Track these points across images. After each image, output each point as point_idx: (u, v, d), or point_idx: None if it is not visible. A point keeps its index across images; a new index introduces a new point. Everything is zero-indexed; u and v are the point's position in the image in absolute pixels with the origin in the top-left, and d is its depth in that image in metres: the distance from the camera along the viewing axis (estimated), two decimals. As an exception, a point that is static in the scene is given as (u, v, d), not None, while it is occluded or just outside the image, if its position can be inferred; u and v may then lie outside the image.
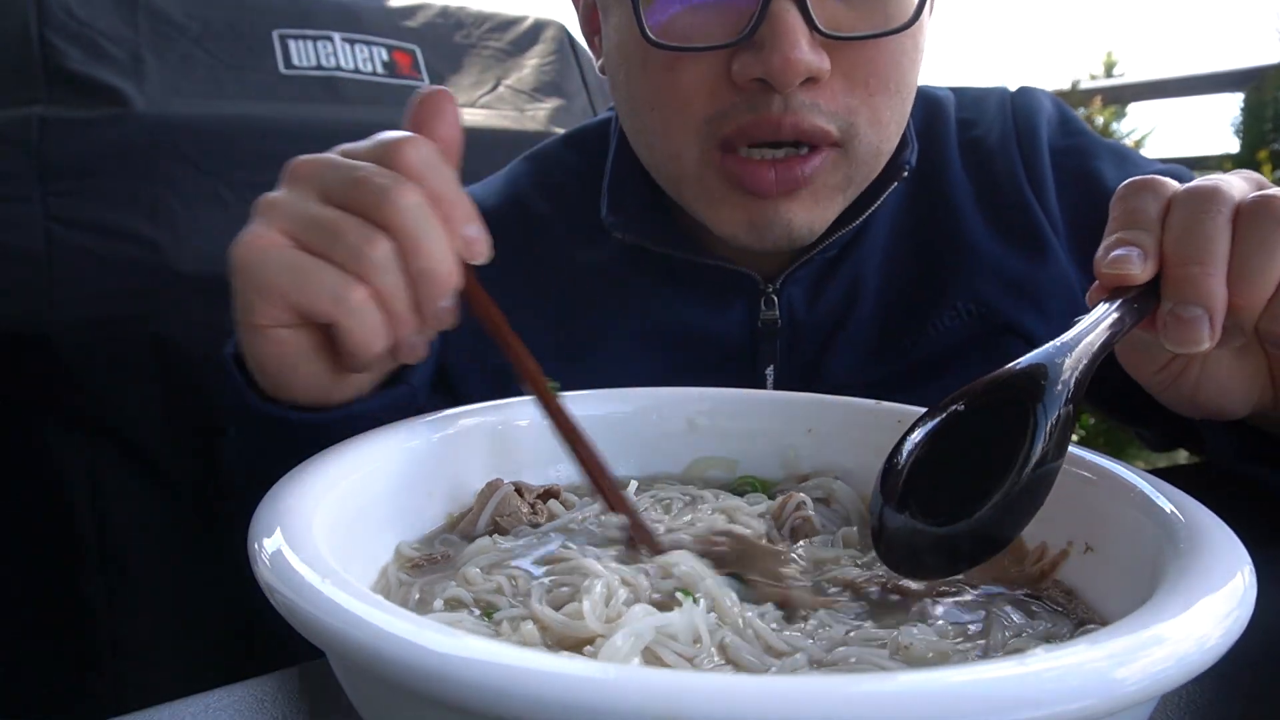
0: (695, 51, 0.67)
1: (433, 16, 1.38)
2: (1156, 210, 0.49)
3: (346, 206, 0.50)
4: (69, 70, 1.05)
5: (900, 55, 0.69)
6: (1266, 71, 2.88)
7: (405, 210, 0.49)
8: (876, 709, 0.24)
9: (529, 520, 0.51)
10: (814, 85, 0.66)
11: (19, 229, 1.00)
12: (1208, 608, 0.31)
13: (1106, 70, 3.77)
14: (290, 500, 0.40)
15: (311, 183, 0.52)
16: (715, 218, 0.73)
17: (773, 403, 0.61)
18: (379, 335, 0.50)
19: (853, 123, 0.69)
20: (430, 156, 0.52)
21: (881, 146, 0.72)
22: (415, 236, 0.49)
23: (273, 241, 0.51)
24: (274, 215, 0.52)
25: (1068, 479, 0.48)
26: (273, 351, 0.53)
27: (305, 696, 0.50)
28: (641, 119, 0.74)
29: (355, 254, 0.49)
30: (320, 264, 0.50)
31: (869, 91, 0.68)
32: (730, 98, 0.67)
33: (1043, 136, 0.82)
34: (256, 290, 0.51)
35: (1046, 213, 0.79)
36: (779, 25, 0.63)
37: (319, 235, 0.50)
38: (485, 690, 0.26)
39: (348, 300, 0.49)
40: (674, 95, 0.69)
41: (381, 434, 0.50)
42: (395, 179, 0.50)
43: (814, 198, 0.70)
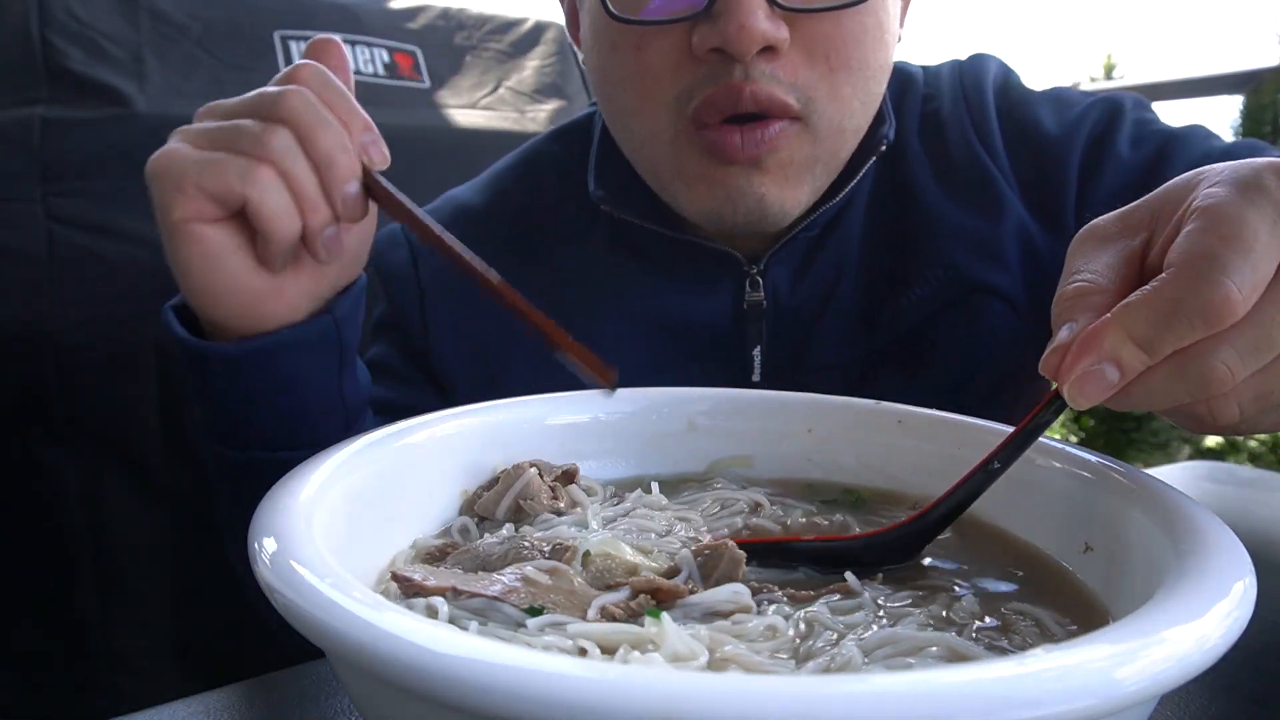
0: (657, 25, 0.69)
1: (433, 18, 1.38)
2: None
3: (245, 116, 0.56)
4: (70, 70, 1.05)
5: (861, 33, 0.70)
6: (1266, 74, 2.88)
7: (298, 105, 0.54)
8: (876, 709, 0.24)
9: (550, 507, 0.51)
10: (773, 56, 0.67)
11: (20, 229, 1.00)
12: (1208, 608, 0.31)
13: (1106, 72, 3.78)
14: (290, 500, 0.40)
15: (211, 112, 0.58)
16: (690, 195, 0.74)
17: (773, 402, 0.61)
18: (290, 214, 0.55)
19: (812, 97, 0.69)
20: (321, 72, 0.57)
21: (844, 123, 0.72)
22: (310, 124, 0.54)
23: (180, 149, 0.56)
24: (179, 135, 0.57)
25: (1068, 479, 0.48)
26: (196, 250, 0.56)
27: (305, 696, 0.50)
28: (616, 102, 0.75)
29: (255, 141, 0.54)
30: (226, 155, 0.54)
31: (829, 67, 0.69)
32: (694, 71, 0.69)
33: (989, 97, 0.84)
34: (169, 187, 0.55)
35: (999, 168, 0.81)
36: None
37: (222, 135, 0.55)
38: (485, 690, 0.26)
39: (255, 177, 0.53)
40: (643, 74, 0.71)
41: (381, 433, 0.50)
42: (288, 87, 0.55)
43: (782, 172, 0.71)
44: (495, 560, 0.44)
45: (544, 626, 0.37)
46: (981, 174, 0.81)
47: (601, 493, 0.55)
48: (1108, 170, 0.78)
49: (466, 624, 0.37)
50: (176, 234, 0.56)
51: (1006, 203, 0.80)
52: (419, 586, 0.40)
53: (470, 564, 0.44)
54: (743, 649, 0.36)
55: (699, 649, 0.35)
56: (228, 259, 0.56)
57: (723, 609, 0.40)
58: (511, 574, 0.41)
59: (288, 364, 0.60)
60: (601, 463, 0.58)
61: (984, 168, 0.81)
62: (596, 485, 0.56)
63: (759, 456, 0.60)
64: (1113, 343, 0.38)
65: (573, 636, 0.36)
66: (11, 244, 1.00)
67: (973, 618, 0.41)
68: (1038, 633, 0.40)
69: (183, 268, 0.57)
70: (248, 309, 0.58)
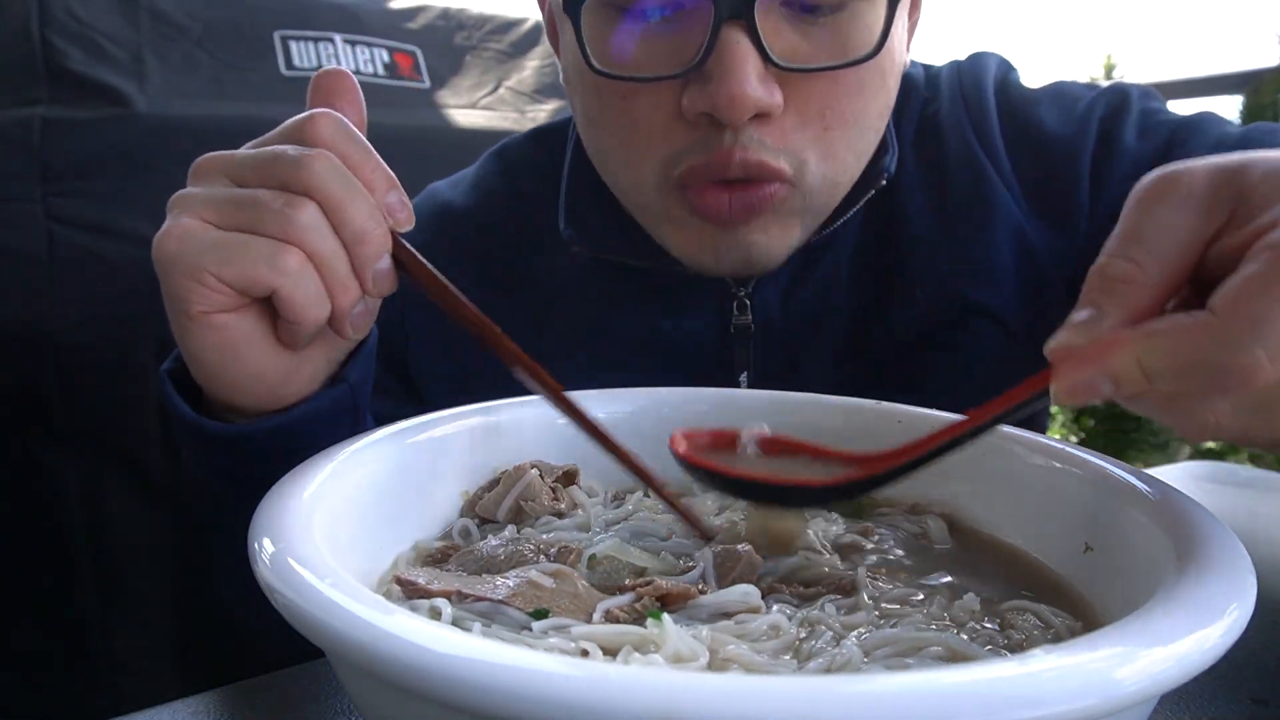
0: (643, 82, 0.64)
1: (434, 18, 1.38)
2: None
3: (263, 184, 0.49)
4: (70, 71, 1.05)
5: (861, 87, 0.65)
6: (1265, 74, 2.88)
7: (324, 173, 0.48)
8: (876, 709, 0.24)
9: (551, 508, 0.51)
10: (765, 120, 0.63)
11: (20, 229, 1.00)
12: (1207, 608, 0.31)
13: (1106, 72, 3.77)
14: (290, 500, 0.40)
15: (222, 170, 0.51)
16: (676, 241, 0.71)
17: (773, 403, 0.61)
18: (320, 300, 0.49)
19: (804, 160, 0.66)
20: (341, 126, 0.51)
21: (837, 178, 0.69)
22: (340, 197, 0.49)
23: (192, 227, 0.49)
24: (188, 205, 0.50)
25: (1068, 479, 0.48)
26: (213, 340, 0.51)
27: (305, 696, 0.50)
28: (600, 145, 0.72)
29: (281, 220, 0.48)
30: (248, 237, 0.48)
31: (823, 125, 0.65)
32: (683, 136, 0.65)
33: (989, 97, 0.80)
34: (187, 276, 0.49)
35: (999, 171, 0.77)
36: (728, 56, 0.60)
37: (240, 211, 0.49)
38: (485, 690, 0.26)
39: (283, 264, 0.48)
40: (630, 128, 0.67)
41: (381, 433, 0.50)
42: (308, 149, 0.49)
43: (774, 222, 0.68)
44: (499, 563, 0.44)
45: (548, 629, 0.37)
46: (976, 179, 0.77)
47: (602, 494, 0.55)
48: (1117, 163, 0.75)
49: (470, 626, 0.37)
50: (194, 326, 0.50)
51: (1001, 208, 0.77)
52: (422, 590, 0.40)
53: (473, 566, 0.44)
54: (744, 649, 0.36)
55: (700, 649, 0.35)
56: (250, 347, 0.52)
57: (731, 609, 0.40)
58: (516, 577, 0.41)
59: (301, 440, 0.54)
60: (602, 463, 0.58)
61: (981, 171, 0.78)
62: (597, 486, 0.56)
63: (759, 456, 0.60)
64: (1122, 364, 0.36)
65: (576, 639, 0.36)
66: (11, 244, 1.00)
67: (973, 617, 0.41)
68: (1038, 632, 0.40)
69: (198, 357, 0.52)
70: (268, 391, 0.54)
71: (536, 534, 0.48)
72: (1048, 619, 0.41)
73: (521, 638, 0.37)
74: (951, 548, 0.50)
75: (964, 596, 0.42)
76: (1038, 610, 0.41)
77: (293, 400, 0.55)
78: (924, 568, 0.47)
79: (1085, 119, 0.78)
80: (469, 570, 0.44)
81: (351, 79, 0.55)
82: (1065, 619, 0.41)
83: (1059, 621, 0.40)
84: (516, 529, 0.50)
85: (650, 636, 0.36)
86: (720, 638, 0.37)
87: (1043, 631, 0.40)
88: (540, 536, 0.47)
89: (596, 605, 0.39)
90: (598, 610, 0.39)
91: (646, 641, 0.35)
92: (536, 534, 0.48)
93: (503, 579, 0.41)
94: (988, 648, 0.38)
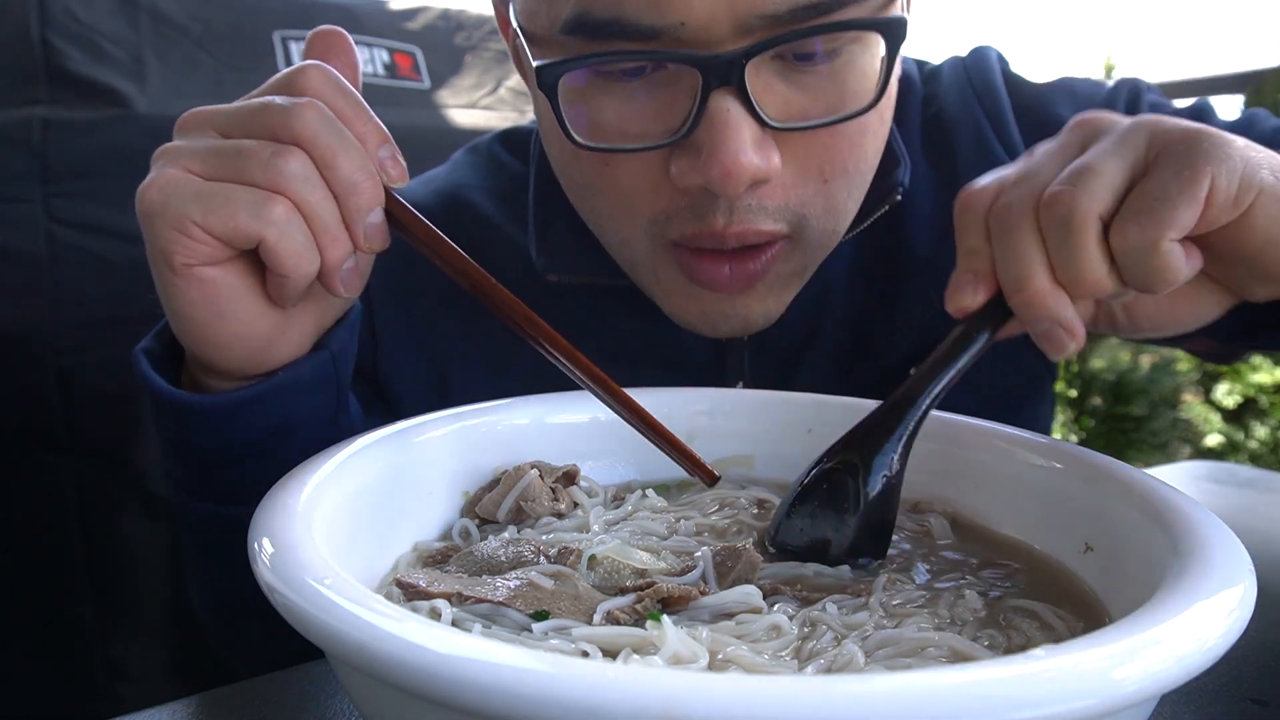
0: (627, 152, 0.59)
1: (433, 19, 1.38)
2: (981, 228, 0.50)
3: (250, 135, 0.48)
4: (71, 71, 1.05)
5: (861, 136, 0.61)
6: (1266, 75, 2.88)
7: (313, 122, 0.47)
8: (876, 709, 0.24)
9: (551, 509, 0.51)
10: (761, 184, 0.59)
11: (20, 230, 1.00)
12: (1207, 608, 0.31)
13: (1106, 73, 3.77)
14: (290, 500, 0.40)
15: (209, 123, 0.50)
16: (670, 306, 0.68)
17: (773, 402, 0.61)
18: (309, 252, 0.48)
19: (804, 215, 0.62)
20: (332, 77, 0.50)
21: (838, 228, 0.66)
22: (330, 146, 0.47)
23: (176, 177, 0.47)
24: (173, 156, 0.49)
25: (1068, 479, 0.48)
26: (199, 295, 0.49)
27: (305, 696, 0.50)
28: (583, 203, 0.67)
29: (268, 169, 0.46)
30: (234, 186, 0.47)
31: (823, 178, 0.61)
32: (672, 200, 0.60)
33: (1001, 92, 0.78)
34: (170, 227, 0.47)
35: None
36: (719, 126, 0.55)
37: (225, 161, 0.47)
38: (485, 690, 0.26)
39: (270, 213, 0.46)
40: (614, 191, 0.62)
41: (381, 434, 0.50)
42: (298, 98, 0.48)
43: (769, 289, 0.65)
44: (499, 564, 0.44)
45: (548, 631, 0.37)
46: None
47: (602, 494, 0.55)
48: None
49: (471, 628, 0.37)
50: (179, 278, 0.48)
51: None
52: (422, 591, 0.40)
53: (473, 567, 0.44)
54: (745, 650, 0.36)
55: (699, 651, 0.35)
56: (236, 303, 0.49)
57: (732, 610, 0.40)
58: (516, 578, 0.41)
59: (282, 409, 0.53)
60: (601, 463, 0.58)
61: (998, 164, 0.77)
62: (597, 486, 0.56)
63: (759, 456, 0.60)
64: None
65: (576, 640, 0.36)
66: (11, 244, 1.00)
67: (975, 617, 0.41)
68: (1039, 632, 0.40)
69: (183, 314, 0.50)
70: (254, 353, 0.52)
71: (537, 535, 0.48)
72: (1048, 619, 0.41)
73: (521, 639, 0.37)
74: (955, 545, 0.50)
75: (972, 596, 0.42)
76: (1038, 610, 0.41)
77: (278, 365, 0.53)
78: (931, 566, 0.47)
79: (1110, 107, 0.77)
80: (469, 571, 0.44)
81: (346, 37, 0.53)
82: (1066, 619, 0.41)
83: (1059, 621, 0.40)
84: (517, 529, 0.50)
85: (650, 639, 0.36)
86: (720, 638, 0.37)
87: (1043, 631, 0.40)
88: (540, 537, 0.47)
89: (597, 607, 0.39)
90: (598, 612, 0.39)
91: (646, 643, 0.35)
92: (537, 535, 0.48)
93: (503, 580, 0.41)
94: (990, 648, 0.38)
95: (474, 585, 0.40)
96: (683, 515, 0.52)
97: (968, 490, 0.53)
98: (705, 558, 0.44)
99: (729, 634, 0.38)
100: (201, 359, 0.53)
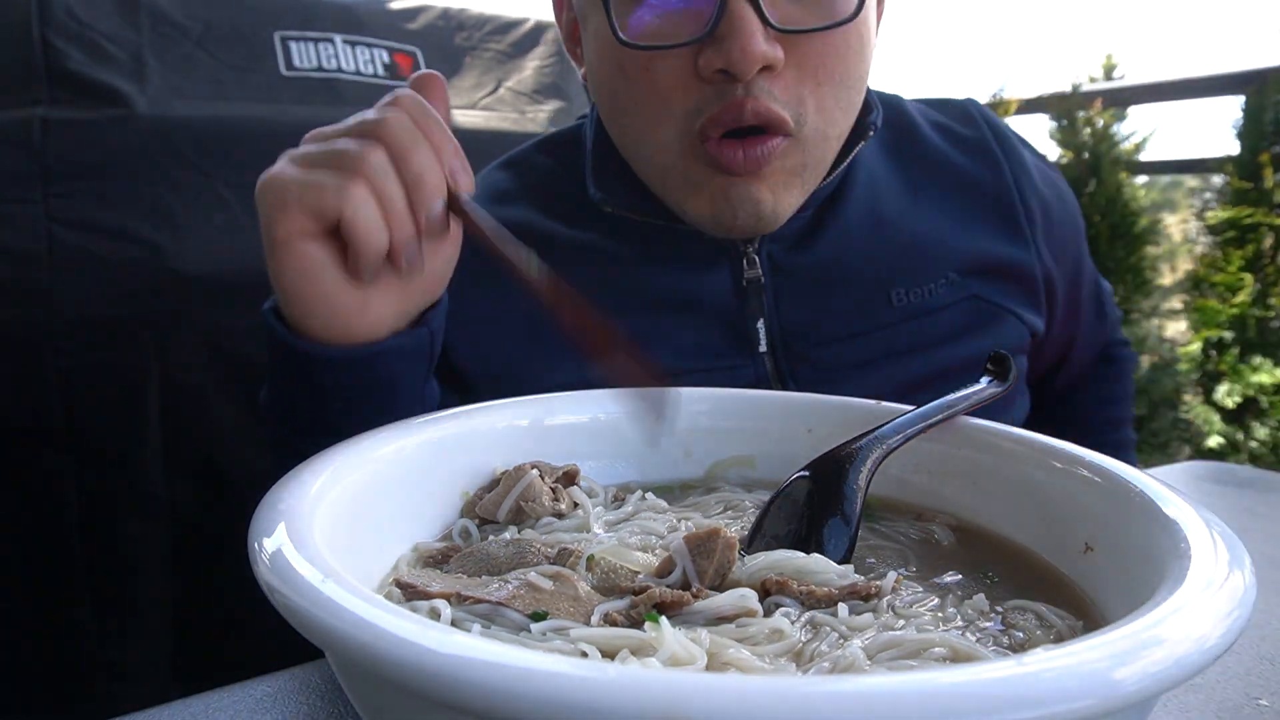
0: (664, 50, 0.74)
1: (434, 19, 1.38)
2: None
3: (348, 136, 0.60)
4: (71, 71, 1.05)
5: (846, 49, 0.76)
6: (1268, 74, 2.88)
7: (396, 126, 0.58)
8: (877, 709, 0.24)
9: (551, 509, 0.51)
10: (770, 74, 0.73)
11: (20, 230, 1.00)
12: (1207, 608, 0.31)
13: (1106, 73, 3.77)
14: (290, 500, 0.40)
15: (317, 136, 0.62)
16: (695, 203, 0.79)
17: (773, 402, 0.61)
18: (380, 230, 0.58)
19: (802, 111, 0.75)
20: (419, 100, 0.61)
21: (828, 131, 0.78)
22: (405, 146, 0.58)
23: (285, 168, 0.59)
24: (288, 156, 0.61)
25: (1068, 480, 0.48)
26: (294, 265, 0.59)
27: (305, 696, 0.50)
28: (626, 119, 0.80)
29: (353, 160, 0.57)
30: (325, 173, 0.58)
31: (817, 81, 0.75)
32: (700, 91, 0.74)
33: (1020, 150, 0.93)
34: (274, 206, 0.58)
35: (1026, 210, 0.90)
36: (736, 21, 0.70)
37: (323, 156, 0.59)
38: (485, 690, 0.26)
39: (350, 194, 0.57)
40: (652, 94, 0.76)
41: (380, 433, 0.50)
42: (386, 110, 0.60)
43: (777, 180, 0.77)
44: (499, 564, 0.44)
45: (546, 631, 0.37)
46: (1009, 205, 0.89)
47: (603, 494, 0.55)
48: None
49: (470, 628, 0.37)
50: (278, 249, 0.59)
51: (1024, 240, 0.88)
52: (422, 592, 0.40)
53: (474, 567, 0.44)
54: (745, 653, 0.36)
55: (697, 652, 0.35)
56: (322, 272, 0.59)
57: (727, 613, 0.40)
58: (515, 579, 0.41)
59: (385, 368, 0.64)
60: (601, 463, 0.58)
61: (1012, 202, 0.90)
62: (597, 486, 0.56)
63: (760, 457, 0.60)
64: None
65: (575, 641, 0.36)
66: (11, 244, 1.00)
67: (979, 616, 0.41)
68: (1040, 632, 0.40)
69: (282, 280, 0.60)
70: (338, 319, 0.61)
71: (537, 535, 0.48)
72: (1049, 619, 0.41)
73: (520, 639, 0.37)
74: (955, 547, 0.50)
75: (974, 597, 0.42)
76: (1039, 610, 0.41)
77: (360, 339, 0.63)
78: (933, 567, 0.47)
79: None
80: (469, 572, 0.44)
81: (440, 80, 0.65)
82: (1066, 619, 0.41)
83: (1060, 621, 0.40)
84: (517, 530, 0.50)
85: (648, 640, 0.36)
86: (721, 641, 0.37)
87: (1044, 631, 0.40)
88: (540, 538, 0.47)
89: (595, 607, 0.39)
90: (595, 613, 0.39)
91: (645, 645, 0.35)
92: (537, 535, 0.48)
93: (502, 581, 0.41)
94: (991, 648, 0.38)
95: (473, 586, 0.40)
96: (684, 516, 0.52)
97: (968, 490, 0.53)
98: (682, 554, 0.42)
99: (729, 637, 0.38)
100: (299, 326, 0.62)
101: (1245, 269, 2.84)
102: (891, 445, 0.51)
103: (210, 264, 1.06)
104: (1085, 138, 3.38)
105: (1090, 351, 1.05)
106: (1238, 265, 2.84)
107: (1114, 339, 1.09)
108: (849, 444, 0.50)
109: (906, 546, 0.49)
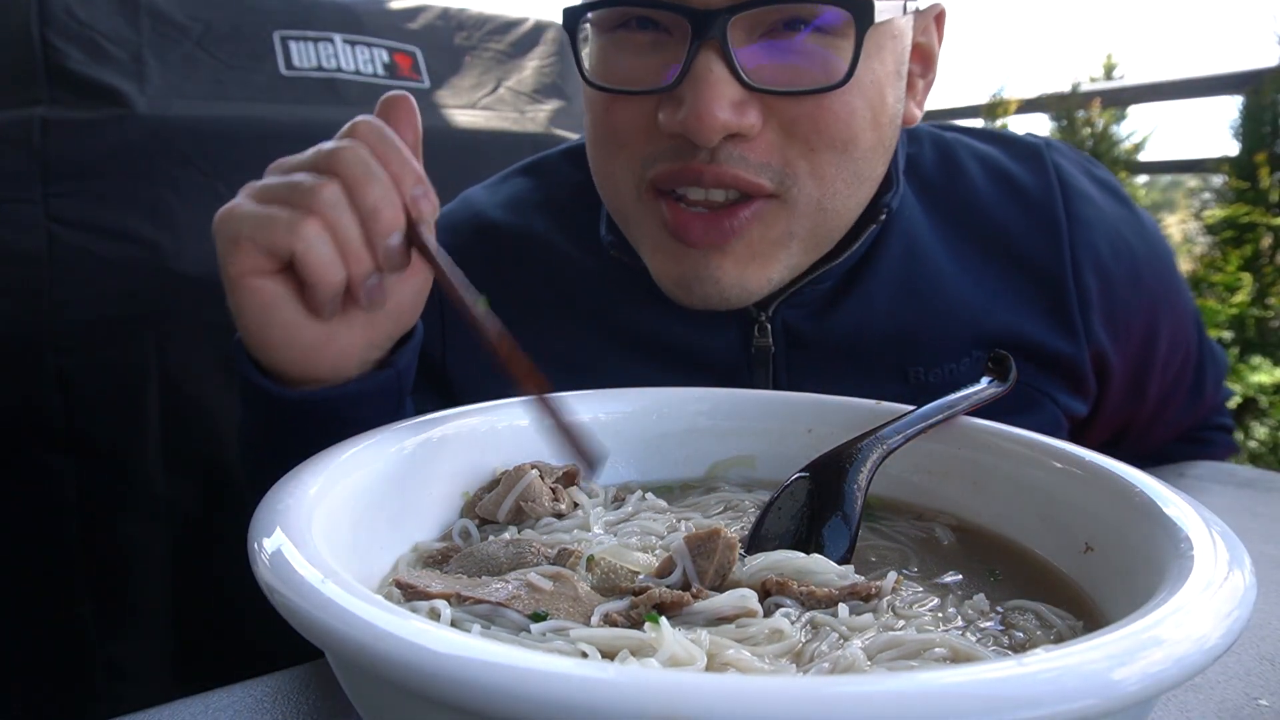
0: (624, 94, 0.69)
1: (433, 19, 1.38)
2: None
3: (303, 169, 0.58)
4: (71, 71, 1.05)
5: (849, 115, 0.67)
6: (1266, 74, 2.88)
7: (349, 158, 0.57)
8: (877, 709, 0.24)
9: (551, 509, 0.51)
10: (743, 139, 0.65)
11: (20, 229, 1.00)
12: (1207, 608, 0.31)
13: (1106, 73, 3.78)
14: (290, 500, 0.39)
15: (278, 167, 0.60)
16: (654, 263, 0.73)
17: (773, 402, 0.61)
18: (335, 265, 0.56)
19: (792, 174, 0.67)
20: (377, 127, 0.59)
21: (826, 203, 0.69)
22: (359, 178, 0.56)
23: (240, 204, 0.58)
24: (245, 189, 0.59)
25: (1068, 479, 0.48)
26: (251, 302, 0.58)
27: (305, 696, 0.50)
28: (592, 153, 0.76)
29: (306, 194, 0.56)
30: (279, 207, 0.56)
31: (809, 147, 0.67)
32: (660, 142, 0.68)
33: (1088, 211, 0.80)
34: (228, 242, 0.57)
35: (1080, 291, 0.79)
36: (700, 81, 0.63)
37: (277, 190, 0.57)
38: (485, 690, 0.26)
39: (302, 230, 0.55)
40: (611, 133, 0.71)
41: (380, 433, 0.50)
42: (343, 141, 0.58)
43: (749, 252, 0.69)
44: (499, 564, 0.44)
45: (546, 632, 0.37)
46: (1059, 289, 0.79)
47: (603, 494, 0.55)
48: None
49: (470, 628, 0.37)
50: (235, 287, 0.58)
51: (1075, 331, 0.79)
52: (422, 592, 0.40)
53: (474, 567, 0.44)
54: (745, 653, 0.36)
55: (697, 653, 0.35)
56: (280, 308, 0.58)
57: (727, 614, 0.40)
58: (515, 579, 0.41)
59: (351, 411, 0.61)
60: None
61: (1063, 283, 0.79)
62: (597, 486, 0.56)
63: (760, 457, 0.60)
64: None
65: (575, 641, 0.36)
66: (11, 244, 1.00)
67: (979, 616, 0.41)
68: (1040, 632, 0.40)
69: (242, 317, 0.59)
70: (301, 354, 0.60)
71: (536, 535, 0.48)
72: (1048, 619, 0.41)
73: (520, 640, 0.37)
74: (956, 547, 0.50)
75: (974, 597, 0.42)
76: (1039, 610, 0.41)
77: (326, 373, 0.61)
78: (934, 567, 0.47)
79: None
80: (469, 572, 0.44)
81: (409, 101, 0.62)
82: (1066, 619, 0.41)
83: (1060, 621, 0.40)
84: (517, 530, 0.50)
85: (648, 640, 0.36)
86: (721, 641, 0.37)
87: (1044, 631, 0.40)
88: (540, 538, 0.47)
89: (595, 608, 0.39)
90: (595, 614, 0.39)
91: (644, 645, 0.35)
92: (536, 535, 0.48)
93: (502, 582, 0.41)
94: (991, 648, 0.38)
95: (473, 586, 0.40)
96: (684, 516, 0.52)
97: (968, 490, 0.53)
98: (680, 550, 0.43)
99: (729, 637, 0.38)
100: (263, 363, 0.61)
101: (1244, 269, 2.84)
102: (892, 445, 0.51)
103: (210, 264, 1.05)
104: (1085, 137, 3.39)
105: (1166, 431, 0.93)
106: (1236, 265, 2.85)
107: (1210, 421, 0.96)
108: (849, 444, 0.50)
109: (907, 546, 0.49)
